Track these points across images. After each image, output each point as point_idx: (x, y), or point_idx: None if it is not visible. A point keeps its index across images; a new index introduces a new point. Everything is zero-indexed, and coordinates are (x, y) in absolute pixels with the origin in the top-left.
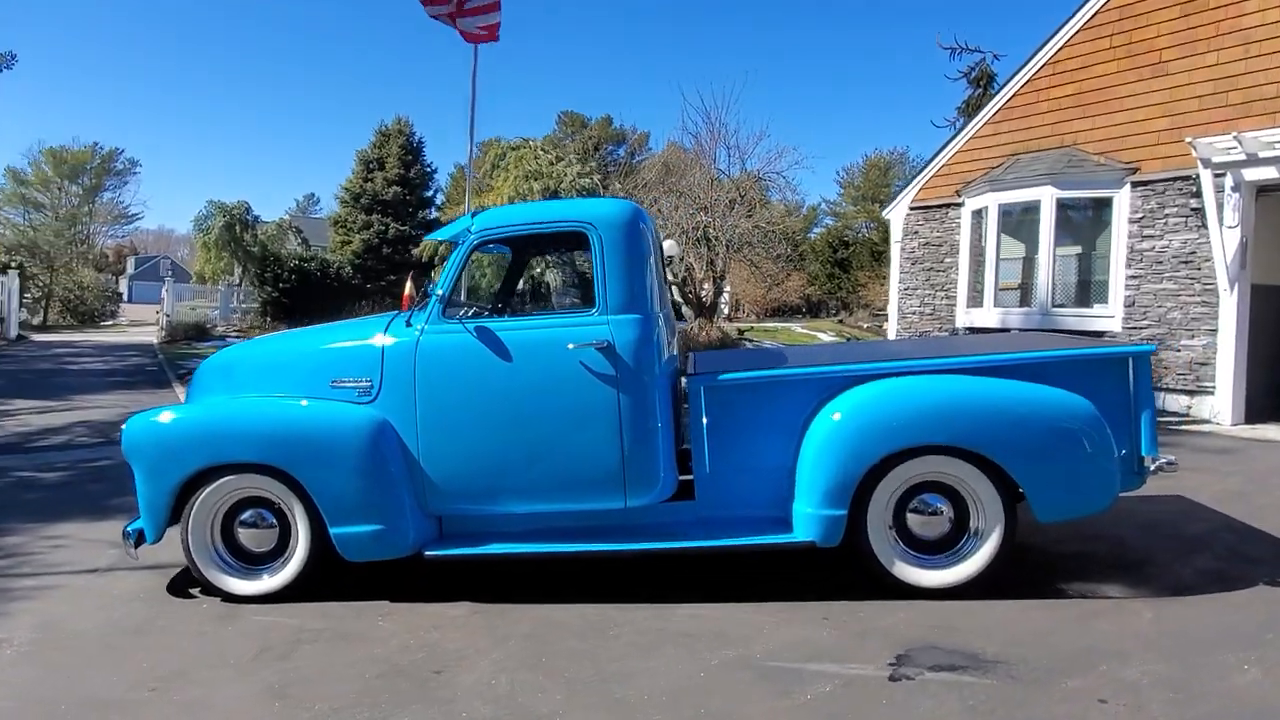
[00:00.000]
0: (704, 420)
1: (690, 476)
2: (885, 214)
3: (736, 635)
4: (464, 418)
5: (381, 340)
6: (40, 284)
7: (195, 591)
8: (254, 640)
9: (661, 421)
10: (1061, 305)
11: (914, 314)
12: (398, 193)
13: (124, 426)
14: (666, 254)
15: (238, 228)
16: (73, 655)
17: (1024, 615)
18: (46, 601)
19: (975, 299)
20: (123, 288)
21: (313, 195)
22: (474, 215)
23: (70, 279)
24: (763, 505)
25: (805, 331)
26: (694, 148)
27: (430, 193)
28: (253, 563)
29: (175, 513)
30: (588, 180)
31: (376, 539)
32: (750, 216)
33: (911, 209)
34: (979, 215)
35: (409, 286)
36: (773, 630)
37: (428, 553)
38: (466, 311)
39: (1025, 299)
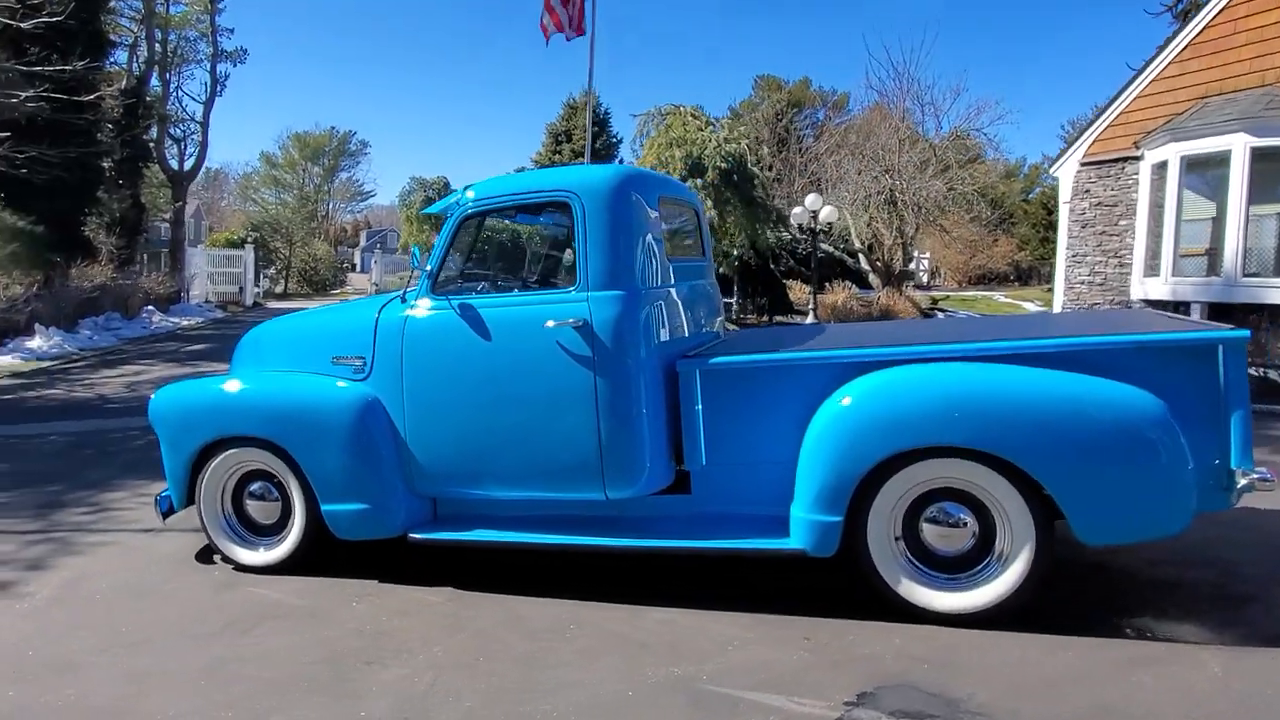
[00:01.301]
0: (698, 408)
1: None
2: (1053, 171)
3: (695, 650)
4: (448, 398)
5: (376, 317)
6: (281, 257)
7: (217, 559)
8: (230, 612)
9: (648, 408)
10: (1255, 274)
11: (1082, 284)
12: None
13: (151, 398)
14: (823, 219)
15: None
16: (73, 612)
17: (1049, 656)
18: (89, 557)
19: (1153, 267)
20: (356, 259)
21: (523, 169)
22: (466, 189)
23: (306, 251)
24: (765, 503)
25: (1008, 300)
26: (880, 104)
27: (615, 162)
28: (262, 534)
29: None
30: (733, 146)
31: (363, 518)
32: (945, 176)
33: (1083, 165)
34: (1159, 170)
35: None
36: (738, 648)
37: (412, 535)
38: (461, 287)
39: (1212, 267)
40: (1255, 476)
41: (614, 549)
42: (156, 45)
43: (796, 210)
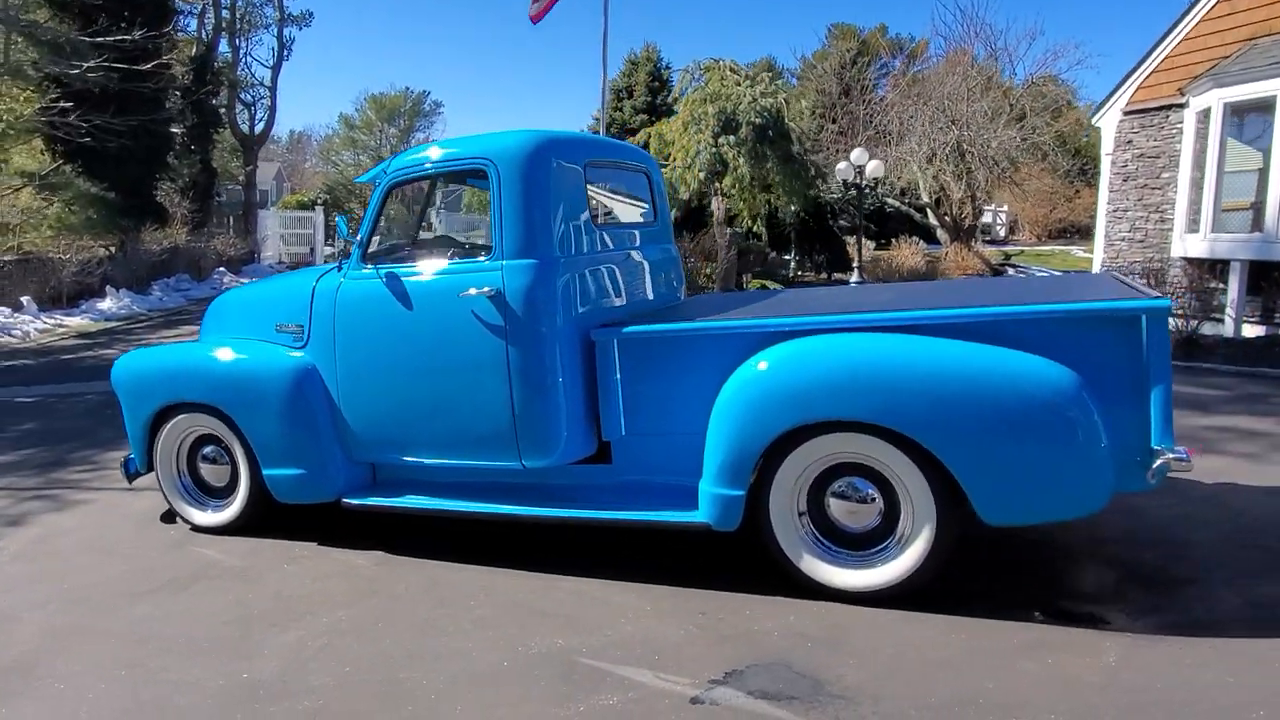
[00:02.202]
0: (616, 377)
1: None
2: (1095, 120)
3: (589, 621)
4: (376, 366)
5: (314, 286)
6: (356, 217)
7: (178, 519)
8: (173, 571)
9: (565, 378)
10: None
11: (1122, 240)
12: (644, 120)
13: (114, 363)
14: (870, 174)
15: None
16: (33, 568)
17: (941, 637)
18: (69, 514)
19: (1194, 223)
20: (432, 218)
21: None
22: (392, 158)
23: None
24: (685, 474)
25: (1085, 255)
26: (953, 53)
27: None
28: (215, 496)
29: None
30: (769, 101)
31: (300, 482)
32: (1019, 126)
33: (1125, 114)
34: (1204, 118)
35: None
36: (632, 620)
37: (345, 500)
38: (396, 257)
39: (1255, 222)
40: (1171, 456)
41: (525, 518)
42: (224, 11)
43: (841, 166)
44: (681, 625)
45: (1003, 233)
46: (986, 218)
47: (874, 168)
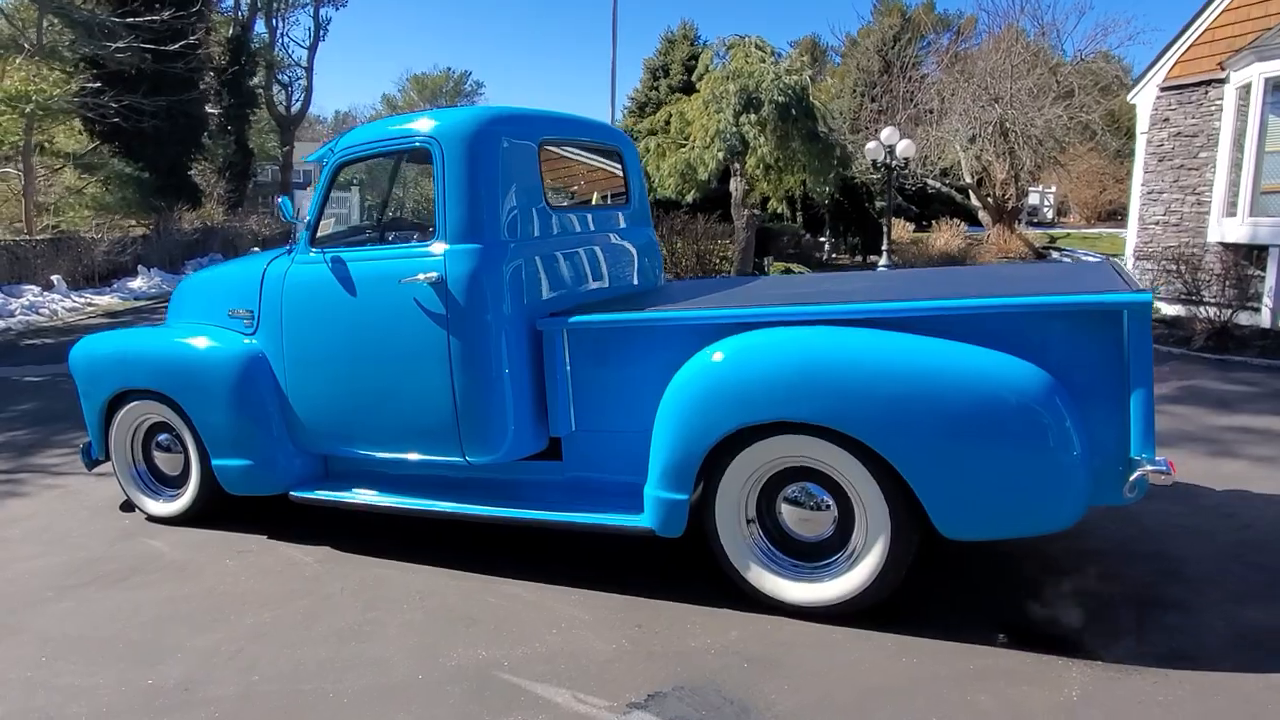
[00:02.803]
0: (566, 369)
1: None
2: (1131, 98)
3: (518, 631)
4: (321, 354)
5: (263, 271)
6: (396, 197)
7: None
8: (114, 564)
9: (512, 370)
10: None
11: (1156, 224)
12: (680, 99)
13: (71, 348)
14: (901, 154)
15: None
16: None
17: (890, 662)
18: (30, 500)
19: (1233, 206)
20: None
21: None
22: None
23: (418, 191)
24: (641, 473)
25: None
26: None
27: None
28: (171, 485)
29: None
30: (793, 79)
31: (247, 474)
32: (1067, 104)
33: (1162, 90)
34: (1244, 94)
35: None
36: (562, 630)
37: (293, 494)
38: (348, 240)
39: None
40: (1150, 468)
41: (467, 517)
42: None
43: (870, 145)
44: (614, 638)
45: (1050, 215)
46: (1033, 199)
47: (904, 147)
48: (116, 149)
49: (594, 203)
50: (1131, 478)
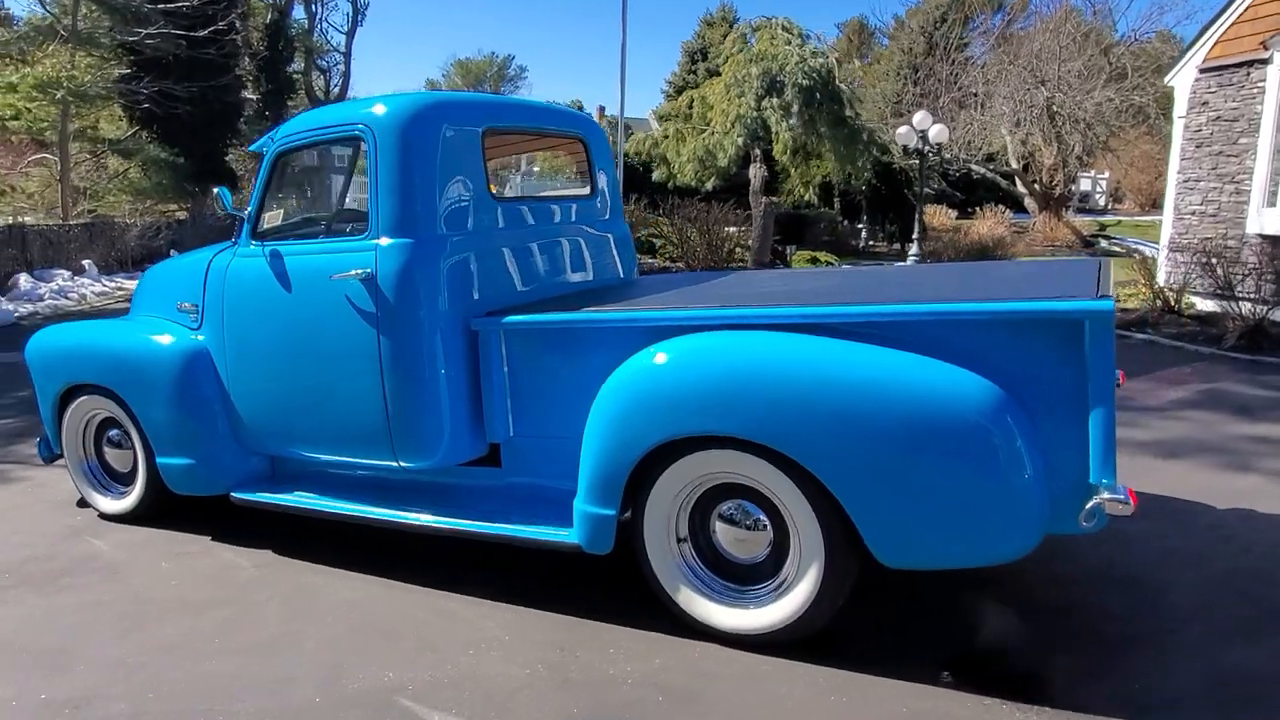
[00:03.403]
0: (504, 370)
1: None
2: (1169, 80)
3: (433, 650)
4: (258, 351)
5: (209, 263)
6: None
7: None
8: (50, 564)
9: (449, 371)
10: None
11: (1193, 214)
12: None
13: (28, 340)
14: (934, 139)
15: None
16: None
17: (816, 699)
18: None
19: (1275, 196)
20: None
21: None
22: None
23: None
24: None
25: None
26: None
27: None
28: (122, 482)
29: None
30: (818, 61)
31: (190, 473)
32: (1119, 86)
33: (1202, 71)
34: None
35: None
36: (479, 651)
37: (233, 495)
38: (295, 233)
39: None
40: (1107, 496)
41: (393, 524)
42: None
43: (902, 130)
44: (532, 661)
45: (1103, 201)
46: (1085, 185)
47: (937, 132)
48: (154, 134)
49: (551, 194)
50: (1088, 505)
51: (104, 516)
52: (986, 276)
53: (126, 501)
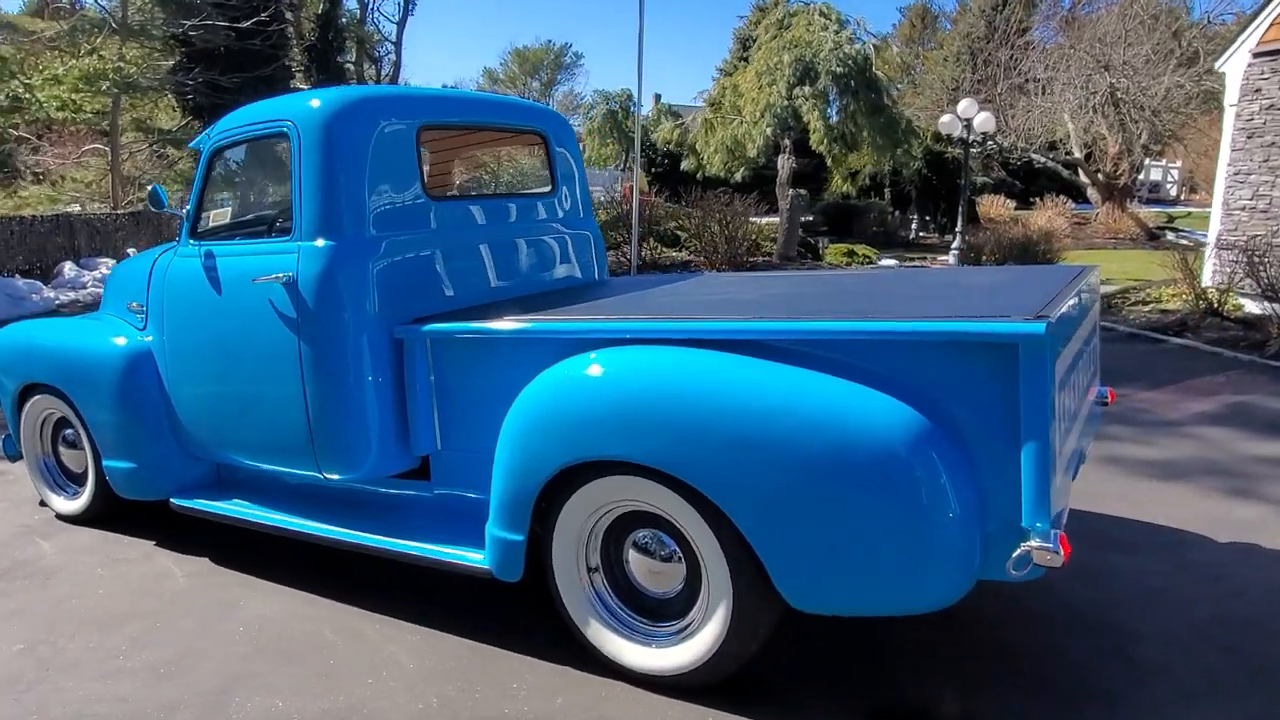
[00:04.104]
0: (430, 380)
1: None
2: (1219, 65)
3: (329, 677)
4: (192, 355)
5: (154, 262)
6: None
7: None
8: None
9: (372, 380)
10: None
11: (1242, 210)
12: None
13: None
14: (978, 128)
15: (619, 114)
16: None
17: None
18: None
19: None
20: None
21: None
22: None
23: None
24: None
25: None
26: None
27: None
28: (76, 482)
29: None
30: (854, 48)
31: (133, 477)
32: (1192, 71)
33: (1255, 56)
34: None
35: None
36: (376, 680)
37: (173, 501)
38: (234, 233)
39: None
40: (1036, 545)
41: (317, 537)
42: None
43: (945, 119)
44: (427, 695)
45: (1174, 192)
46: (1155, 175)
47: (983, 121)
48: (206, 124)
49: (504, 192)
50: (1015, 553)
51: (60, 517)
52: (952, 287)
53: (79, 503)
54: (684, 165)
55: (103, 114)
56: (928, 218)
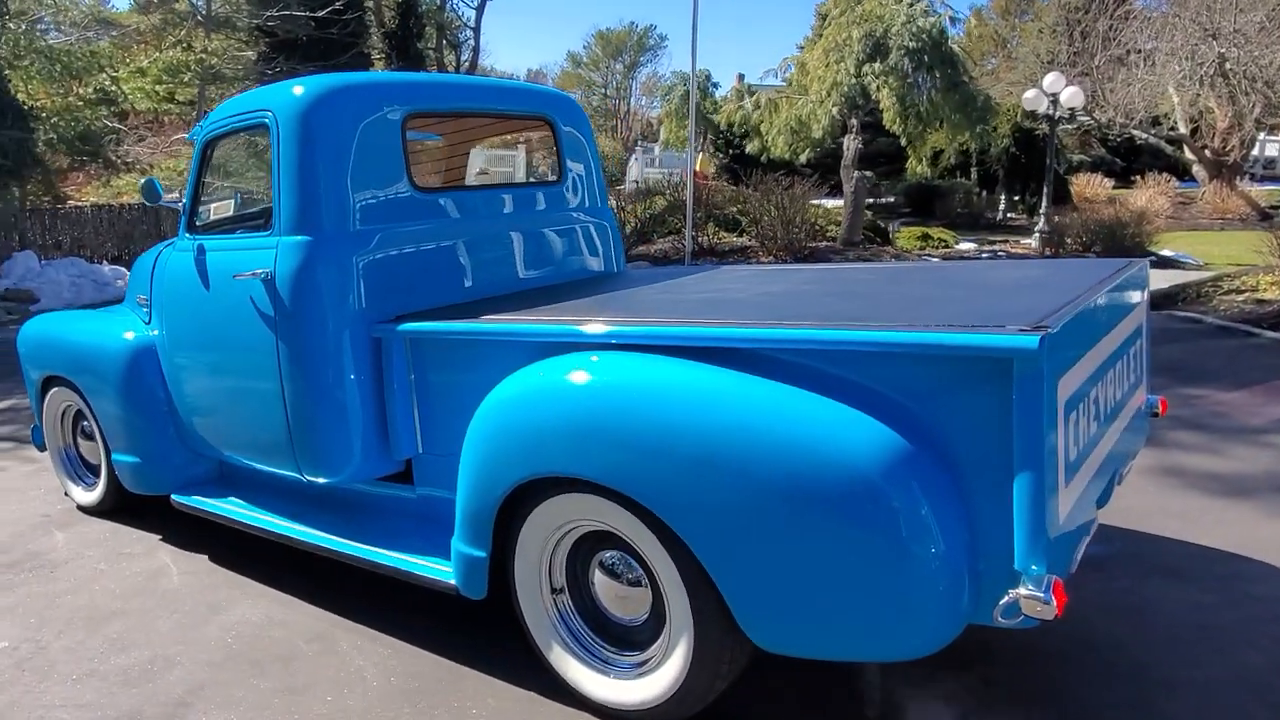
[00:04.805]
0: (409, 381)
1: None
2: None
3: (291, 692)
4: (186, 349)
5: (157, 256)
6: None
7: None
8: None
9: (353, 380)
10: None
11: None
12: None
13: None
14: (1065, 104)
15: (699, 96)
16: None
17: None
18: (2, 473)
19: None
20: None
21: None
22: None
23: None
24: None
25: None
26: None
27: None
28: (94, 474)
29: None
30: (928, 21)
31: (138, 472)
32: None
33: None
34: None
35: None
36: (335, 700)
37: (173, 498)
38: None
39: None
40: (1025, 593)
41: (297, 542)
42: None
43: (1029, 95)
44: (385, 715)
45: None
46: (1271, 150)
47: (1070, 96)
48: None
49: (503, 183)
50: (1003, 600)
51: (80, 508)
52: (974, 286)
53: (95, 494)
54: (749, 148)
55: (192, 104)
56: (1016, 198)
